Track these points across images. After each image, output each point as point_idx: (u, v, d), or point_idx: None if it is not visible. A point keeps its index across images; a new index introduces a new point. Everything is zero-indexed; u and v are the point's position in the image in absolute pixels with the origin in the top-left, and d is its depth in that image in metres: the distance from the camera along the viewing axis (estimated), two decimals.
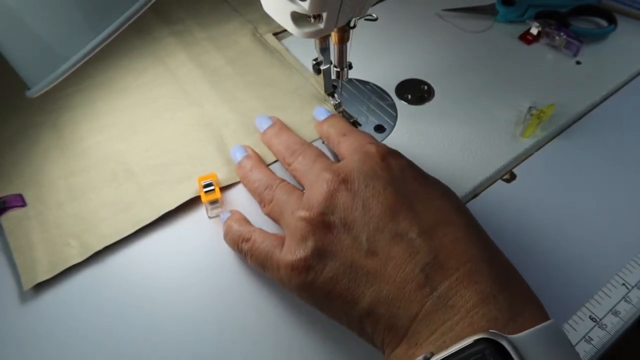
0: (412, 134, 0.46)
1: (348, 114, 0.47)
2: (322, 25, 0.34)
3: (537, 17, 0.54)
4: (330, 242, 0.31)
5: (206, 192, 0.39)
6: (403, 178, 0.33)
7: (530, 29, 0.54)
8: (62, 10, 0.30)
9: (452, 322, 0.27)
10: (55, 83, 0.32)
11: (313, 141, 0.45)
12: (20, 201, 0.41)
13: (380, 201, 0.31)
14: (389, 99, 0.49)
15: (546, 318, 0.28)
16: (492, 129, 0.46)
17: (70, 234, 0.39)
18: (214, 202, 0.40)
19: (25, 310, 0.36)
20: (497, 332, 0.25)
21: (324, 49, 0.42)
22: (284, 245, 0.33)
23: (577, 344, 0.34)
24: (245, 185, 0.41)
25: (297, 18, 0.34)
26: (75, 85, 0.49)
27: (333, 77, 0.45)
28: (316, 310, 0.33)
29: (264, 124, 0.44)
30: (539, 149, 0.45)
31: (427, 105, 0.49)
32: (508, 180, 0.43)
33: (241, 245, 0.36)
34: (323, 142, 0.44)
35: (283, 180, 0.38)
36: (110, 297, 0.36)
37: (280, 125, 0.44)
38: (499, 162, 0.43)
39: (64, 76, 0.31)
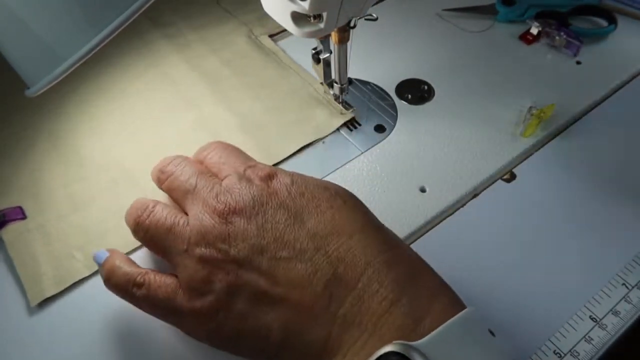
0: (412, 134, 0.46)
1: (348, 104, 0.47)
2: (322, 25, 0.34)
3: (537, 17, 0.54)
4: (234, 278, 0.29)
5: None
6: (290, 197, 0.31)
7: (530, 28, 0.54)
8: (62, 10, 0.30)
9: (362, 340, 0.26)
10: (55, 82, 0.31)
11: (309, 143, 0.45)
12: (20, 214, 0.40)
13: (272, 227, 0.30)
14: (389, 98, 0.49)
15: (459, 309, 0.27)
16: (492, 129, 0.46)
17: (74, 247, 0.38)
18: None
19: (31, 322, 0.35)
20: (402, 342, 0.24)
21: (324, 38, 0.41)
22: (183, 289, 0.31)
23: (577, 343, 0.34)
24: (126, 219, 0.35)
25: (297, 18, 0.34)
26: (70, 91, 0.48)
27: (336, 92, 0.45)
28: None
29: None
30: (539, 149, 0.45)
31: (427, 105, 0.49)
32: (508, 180, 0.43)
33: (132, 290, 0.31)
34: (323, 142, 0.44)
35: (158, 202, 0.34)
36: (117, 307, 0.35)
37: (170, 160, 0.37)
38: (499, 162, 0.43)
39: (64, 75, 0.31)
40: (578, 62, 0.52)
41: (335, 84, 0.45)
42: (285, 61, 0.51)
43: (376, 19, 0.43)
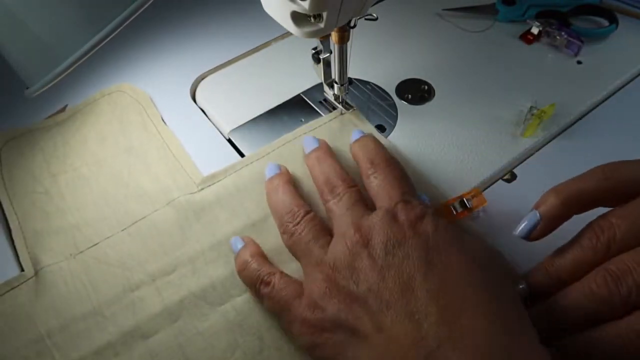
0: (413, 134, 0.46)
1: (349, 104, 0.46)
2: (322, 25, 0.34)
3: (537, 17, 0.54)
4: (347, 310, 0.30)
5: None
6: (426, 249, 0.31)
7: (530, 28, 0.54)
8: (61, 10, 0.30)
9: None
10: (54, 82, 0.31)
11: None
12: None
13: (396, 274, 0.30)
14: (389, 98, 0.49)
15: None
16: (492, 129, 0.46)
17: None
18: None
19: None
20: None
21: (324, 40, 0.41)
22: (303, 297, 0.33)
23: None
24: (268, 203, 0.40)
25: (297, 18, 0.34)
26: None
27: (336, 92, 0.45)
28: None
29: (309, 146, 0.42)
30: (540, 149, 0.45)
31: (428, 105, 0.48)
32: (508, 181, 0.43)
33: (259, 287, 0.35)
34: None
35: (308, 212, 0.37)
36: None
37: (324, 150, 0.41)
38: (499, 162, 0.43)
39: (63, 75, 0.31)
40: (579, 62, 0.51)
41: (335, 84, 0.45)
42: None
43: (376, 19, 0.43)
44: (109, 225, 0.40)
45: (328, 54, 0.43)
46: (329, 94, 0.47)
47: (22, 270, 0.38)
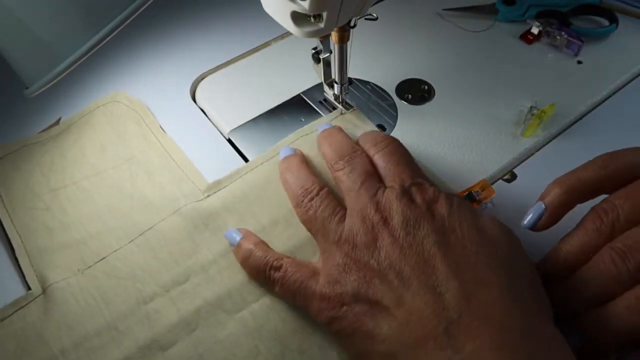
0: (413, 134, 0.46)
1: (349, 104, 0.46)
2: (322, 25, 0.34)
3: (537, 17, 0.54)
4: (367, 285, 0.31)
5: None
6: (443, 229, 0.32)
7: (531, 28, 0.54)
8: (61, 10, 0.30)
9: None
10: (54, 82, 0.31)
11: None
12: None
13: (416, 252, 0.31)
14: (389, 98, 0.49)
15: None
16: (492, 129, 0.46)
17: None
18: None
19: None
20: None
21: (324, 40, 0.41)
22: (319, 275, 0.33)
23: None
24: (282, 179, 0.40)
25: (297, 18, 0.34)
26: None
27: (336, 92, 0.45)
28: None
29: (320, 129, 0.43)
30: (540, 149, 0.45)
31: (428, 105, 0.48)
32: (509, 181, 0.43)
33: (269, 272, 0.35)
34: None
35: (322, 187, 0.37)
36: None
37: (337, 129, 0.43)
38: (499, 162, 0.43)
39: (63, 75, 0.31)
40: (579, 62, 0.51)
41: (335, 84, 0.44)
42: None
43: (376, 19, 0.43)
44: (115, 237, 0.39)
45: (328, 54, 0.43)
46: (329, 94, 0.47)
47: (29, 289, 0.37)
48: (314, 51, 0.43)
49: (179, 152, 0.45)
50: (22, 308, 0.36)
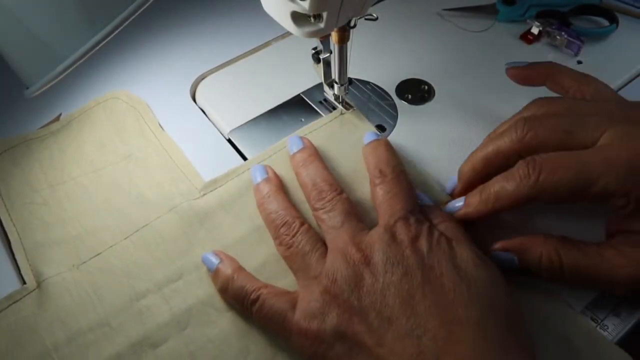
0: (413, 134, 0.46)
1: (349, 104, 0.46)
2: (322, 25, 0.34)
3: (537, 17, 0.54)
4: (347, 323, 0.31)
5: None
6: (424, 266, 0.32)
7: (531, 28, 0.54)
8: (61, 10, 0.29)
9: None
10: (54, 82, 0.31)
11: None
12: None
13: (396, 292, 0.31)
14: (389, 98, 0.49)
15: None
16: (492, 129, 0.45)
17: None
18: None
19: None
20: None
21: (324, 40, 0.41)
22: (296, 307, 0.33)
23: None
24: (260, 213, 0.39)
25: (298, 18, 0.34)
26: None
27: (336, 92, 0.45)
28: None
29: (293, 146, 0.42)
30: None
31: (428, 105, 0.48)
32: None
33: (247, 304, 0.34)
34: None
35: (303, 223, 0.37)
36: None
37: (310, 152, 0.41)
38: None
39: (63, 75, 0.31)
40: (579, 62, 0.51)
41: (335, 84, 0.44)
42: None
43: (376, 19, 0.43)
44: (111, 234, 0.40)
45: (328, 54, 0.43)
46: (329, 94, 0.47)
47: (24, 283, 0.37)
48: (314, 51, 0.43)
49: (177, 150, 0.45)
50: (16, 302, 0.36)
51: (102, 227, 0.40)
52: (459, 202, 0.37)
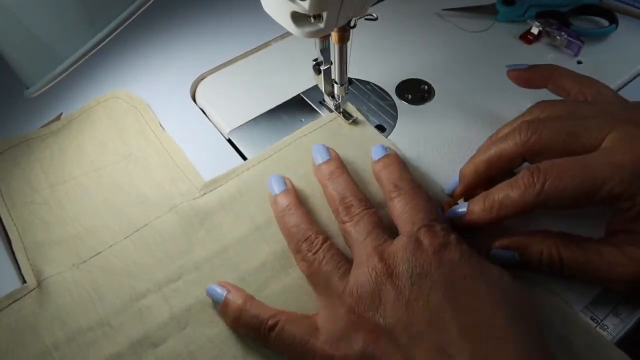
0: (413, 134, 0.46)
1: (349, 114, 0.46)
2: (322, 25, 0.34)
3: (537, 17, 0.54)
4: (374, 344, 0.30)
5: None
6: (452, 279, 0.30)
7: (530, 28, 0.54)
8: (61, 10, 0.29)
9: None
10: (54, 82, 0.31)
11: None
12: None
13: (424, 305, 0.29)
14: (389, 98, 0.49)
15: None
16: (492, 129, 0.45)
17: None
18: None
19: None
20: None
21: (324, 50, 0.41)
22: (319, 330, 0.32)
23: None
24: (280, 226, 0.38)
25: (297, 18, 0.34)
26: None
27: (335, 92, 0.45)
28: None
29: (319, 157, 0.41)
30: None
31: (428, 105, 0.48)
32: None
33: (264, 332, 0.32)
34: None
35: (325, 240, 0.35)
36: None
37: (337, 164, 0.40)
38: None
39: (63, 75, 0.31)
40: (579, 62, 0.51)
41: (335, 84, 0.44)
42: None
43: (376, 19, 0.43)
44: (111, 233, 0.40)
45: (328, 66, 0.43)
46: (330, 104, 0.47)
47: (25, 282, 0.37)
48: (314, 62, 0.43)
49: (177, 150, 0.45)
50: (16, 301, 0.36)
51: (102, 226, 0.40)
52: (461, 208, 0.36)
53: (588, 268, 0.33)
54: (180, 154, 0.45)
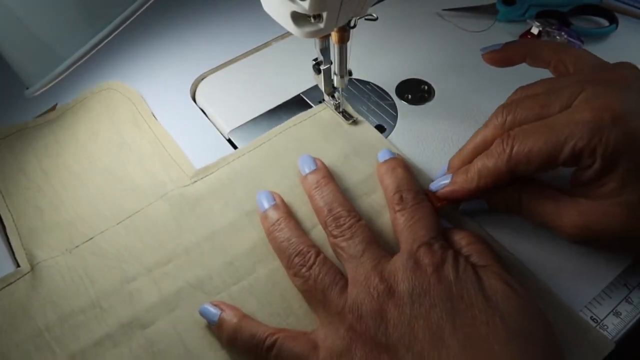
0: (412, 134, 0.46)
1: (348, 114, 0.46)
2: (322, 25, 0.34)
3: (537, 17, 0.54)
4: None
5: None
6: (450, 296, 0.30)
7: (531, 28, 0.54)
8: (61, 10, 0.29)
9: None
10: (54, 82, 0.31)
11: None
12: None
13: (424, 324, 0.29)
14: (389, 98, 0.49)
15: None
16: None
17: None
18: None
19: None
20: None
21: (324, 49, 0.42)
22: (318, 348, 0.31)
23: None
24: (270, 242, 0.37)
25: (297, 18, 0.34)
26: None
27: (335, 84, 0.45)
28: None
29: (305, 167, 0.40)
30: None
31: (428, 105, 0.48)
32: None
33: (262, 353, 0.32)
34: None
35: (318, 253, 0.35)
36: None
37: (324, 174, 0.39)
38: None
39: (63, 75, 0.31)
40: None
41: (335, 75, 0.44)
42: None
43: (376, 19, 0.43)
44: (103, 220, 0.40)
45: (328, 65, 0.43)
46: (330, 104, 0.47)
47: (18, 266, 0.38)
48: (314, 62, 0.43)
49: (169, 139, 0.46)
50: (10, 284, 0.37)
51: (95, 213, 0.41)
52: (445, 180, 0.37)
53: (541, 212, 0.35)
54: (172, 143, 0.46)
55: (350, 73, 0.43)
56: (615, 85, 0.34)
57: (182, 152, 0.45)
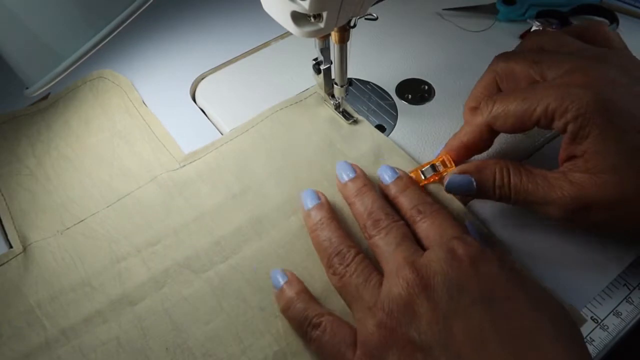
0: (413, 134, 0.46)
1: (348, 114, 0.46)
2: (322, 25, 0.34)
3: (538, 16, 0.54)
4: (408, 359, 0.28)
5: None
6: (492, 294, 0.28)
7: (531, 28, 0.54)
8: (61, 10, 0.29)
9: None
10: (54, 82, 0.31)
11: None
12: None
13: (464, 323, 0.28)
14: (389, 98, 0.49)
15: None
16: None
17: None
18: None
19: None
20: None
21: (324, 49, 0.42)
22: (357, 344, 0.31)
23: None
24: (312, 240, 0.37)
25: (297, 17, 0.34)
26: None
27: (335, 93, 0.45)
28: None
29: (344, 174, 0.40)
30: (540, 148, 0.45)
31: (428, 105, 0.48)
32: None
33: (307, 329, 0.32)
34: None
35: (358, 253, 0.35)
36: None
37: (364, 181, 0.39)
38: None
39: (63, 75, 0.31)
40: None
41: (335, 85, 0.44)
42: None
43: (376, 19, 0.43)
44: (94, 202, 0.42)
45: (328, 65, 0.43)
46: (330, 103, 0.47)
47: (11, 247, 0.40)
48: (314, 62, 0.43)
49: (159, 125, 0.47)
50: (3, 264, 0.38)
51: (86, 196, 0.42)
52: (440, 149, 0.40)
53: (532, 189, 0.35)
54: (162, 128, 0.47)
55: (350, 83, 0.44)
56: (597, 59, 0.36)
57: (172, 137, 0.46)
